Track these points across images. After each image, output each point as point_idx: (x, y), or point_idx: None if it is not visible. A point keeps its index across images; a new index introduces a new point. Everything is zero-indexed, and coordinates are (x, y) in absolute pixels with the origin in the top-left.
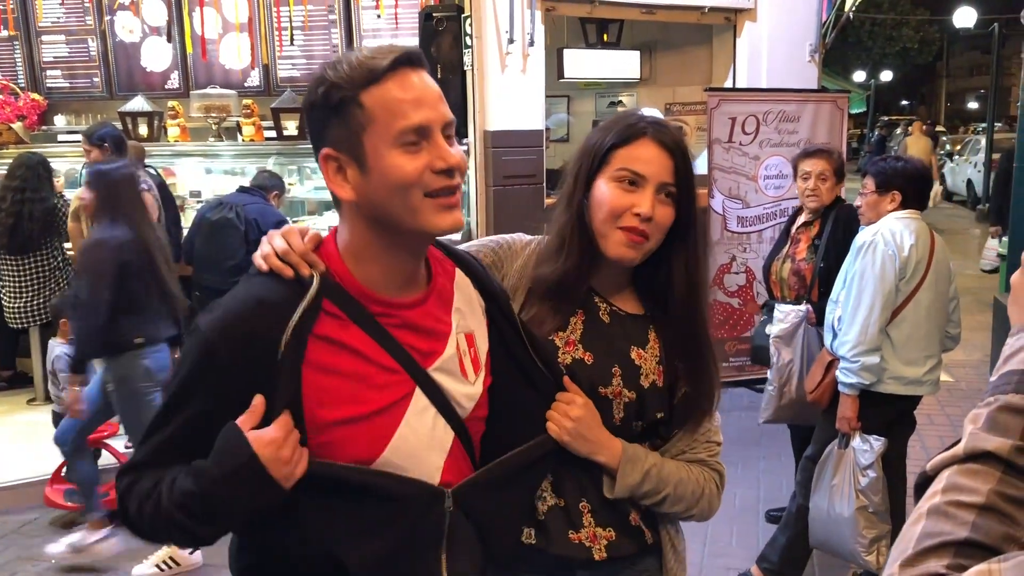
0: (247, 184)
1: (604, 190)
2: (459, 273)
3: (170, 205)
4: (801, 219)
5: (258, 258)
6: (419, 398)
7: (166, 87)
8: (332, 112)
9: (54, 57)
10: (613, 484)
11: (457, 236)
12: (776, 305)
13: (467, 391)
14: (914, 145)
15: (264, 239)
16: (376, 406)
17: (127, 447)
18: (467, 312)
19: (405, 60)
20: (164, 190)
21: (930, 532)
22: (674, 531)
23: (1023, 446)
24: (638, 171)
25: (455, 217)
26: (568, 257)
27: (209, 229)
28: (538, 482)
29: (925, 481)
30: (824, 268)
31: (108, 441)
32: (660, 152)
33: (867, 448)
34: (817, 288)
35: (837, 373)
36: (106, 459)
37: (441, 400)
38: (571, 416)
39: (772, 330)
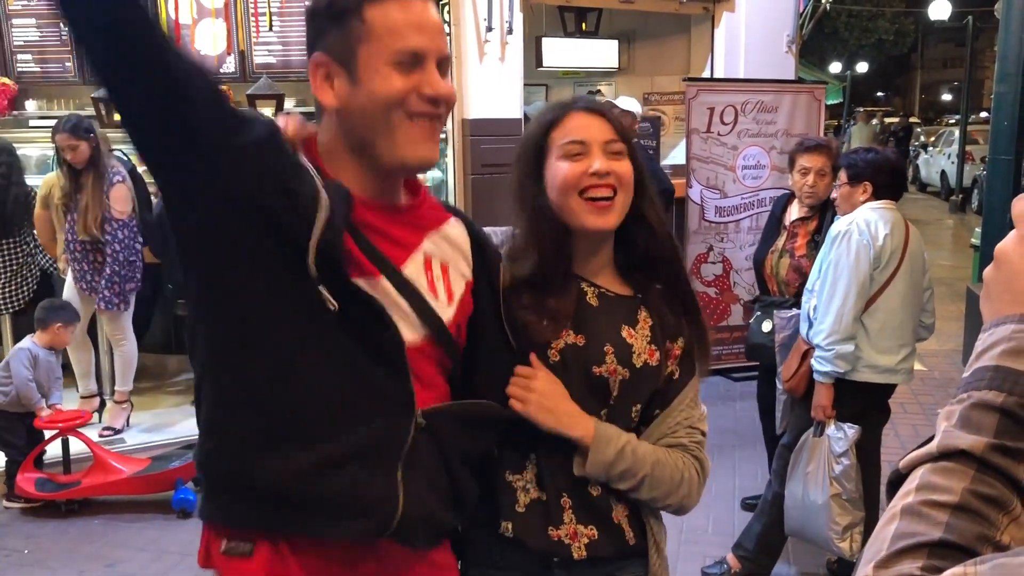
0: None
1: (554, 169)
2: (453, 221)
3: (142, 189)
4: (796, 213)
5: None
6: (384, 284)
7: None
8: (332, 20)
9: (24, 41)
10: (584, 462)
11: None
12: (776, 311)
13: (435, 305)
14: (858, 134)
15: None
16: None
17: (101, 435)
18: (447, 250)
19: None
20: (136, 175)
21: (904, 532)
22: (660, 530)
23: (997, 444)
24: (579, 138)
25: (431, 148)
26: (542, 247)
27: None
28: (496, 442)
29: (898, 479)
30: None
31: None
32: (592, 117)
33: (841, 436)
34: None
35: (812, 362)
36: (77, 447)
37: (415, 297)
38: (532, 388)
39: (777, 337)
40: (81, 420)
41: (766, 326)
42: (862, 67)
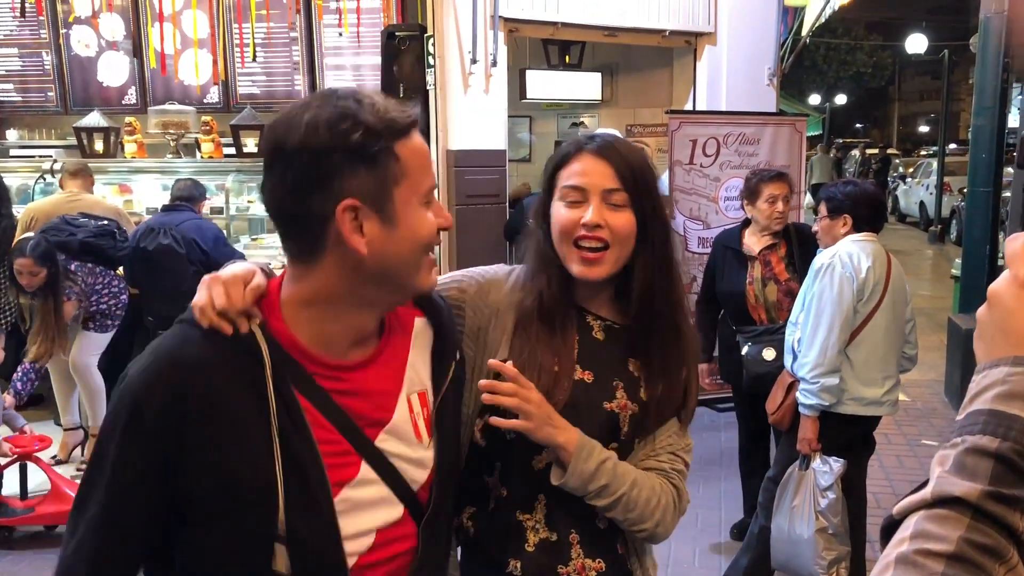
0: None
1: (555, 211)
2: (418, 322)
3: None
4: (759, 242)
5: (196, 309)
6: (365, 472)
7: (123, 102)
8: (362, 160)
9: (6, 71)
10: (563, 473)
11: None
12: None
13: (420, 456)
14: (818, 164)
15: (203, 284)
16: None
17: (79, 469)
18: (421, 367)
19: (417, 119)
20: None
21: None
22: (650, 563)
23: (992, 491)
24: (577, 184)
25: (435, 275)
26: (543, 281)
27: (148, 260)
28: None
29: (892, 525)
30: None
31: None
32: (597, 161)
33: (827, 469)
34: None
35: (797, 395)
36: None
37: (391, 474)
38: (530, 399)
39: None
40: (40, 446)
41: (768, 354)
42: (841, 99)
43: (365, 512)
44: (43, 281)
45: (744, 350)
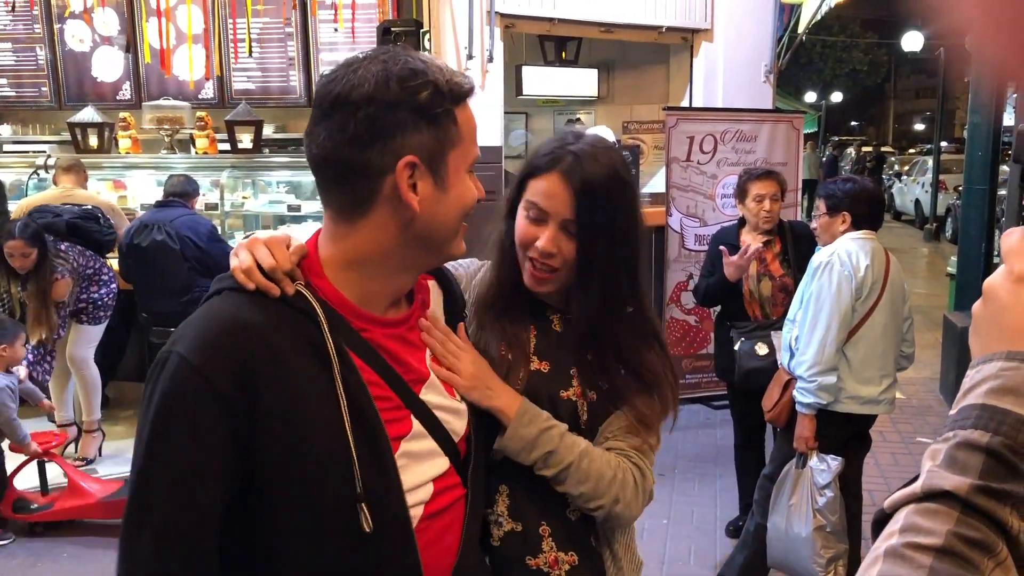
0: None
1: (518, 219)
2: (432, 285)
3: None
4: (757, 239)
5: (239, 272)
6: (417, 427)
7: (117, 98)
8: (425, 119)
9: (0, 66)
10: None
11: None
12: (774, 333)
13: (457, 407)
14: (805, 161)
15: (242, 248)
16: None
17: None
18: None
19: (474, 88)
20: (88, 219)
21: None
22: (628, 560)
23: (982, 485)
24: (541, 206)
25: (463, 244)
26: (502, 271)
27: (142, 256)
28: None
29: (883, 518)
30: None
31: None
32: (565, 188)
33: (824, 468)
34: None
35: (794, 393)
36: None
37: (436, 427)
38: (461, 357)
39: (781, 357)
40: (56, 442)
41: (761, 349)
42: (837, 97)
43: (421, 465)
44: (34, 263)
45: (737, 345)
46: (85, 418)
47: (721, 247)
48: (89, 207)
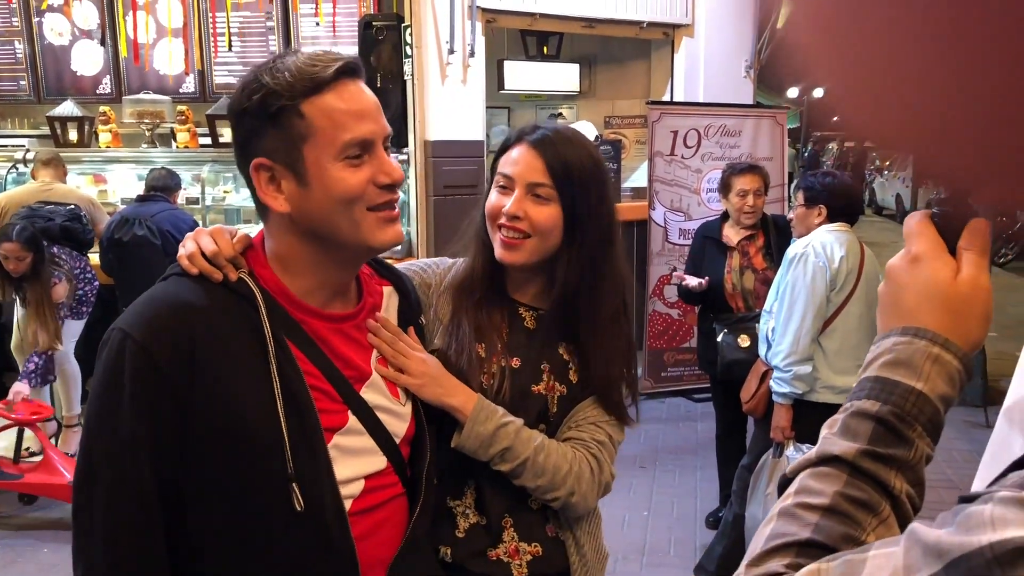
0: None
1: (488, 197)
2: (387, 292)
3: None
4: (737, 233)
5: (184, 259)
6: (353, 422)
7: (97, 92)
8: (268, 120)
9: None
10: (459, 436)
11: (397, 248)
12: (754, 325)
13: (399, 410)
14: None
15: (189, 237)
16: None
17: None
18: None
19: (347, 70)
20: (73, 228)
21: (777, 533)
22: (592, 549)
23: (869, 450)
24: (508, 173)
25: (396, 230)
26: (475, 261)
27: (123, 251)
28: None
29: (786, 483)
30: None
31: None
32: (530, 153)
33: (801, 457)
34: None
35: (771, 383)
36: None
37: (376, 426)
38: (411, 356)
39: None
40: (44, 414)
41: (743, 341)
42: (818, 92)
43: (354, 459)
44: (28, 267)
45: (720, 337)
46: (65, 413)
47: (676, 275)
48: (72, 206)
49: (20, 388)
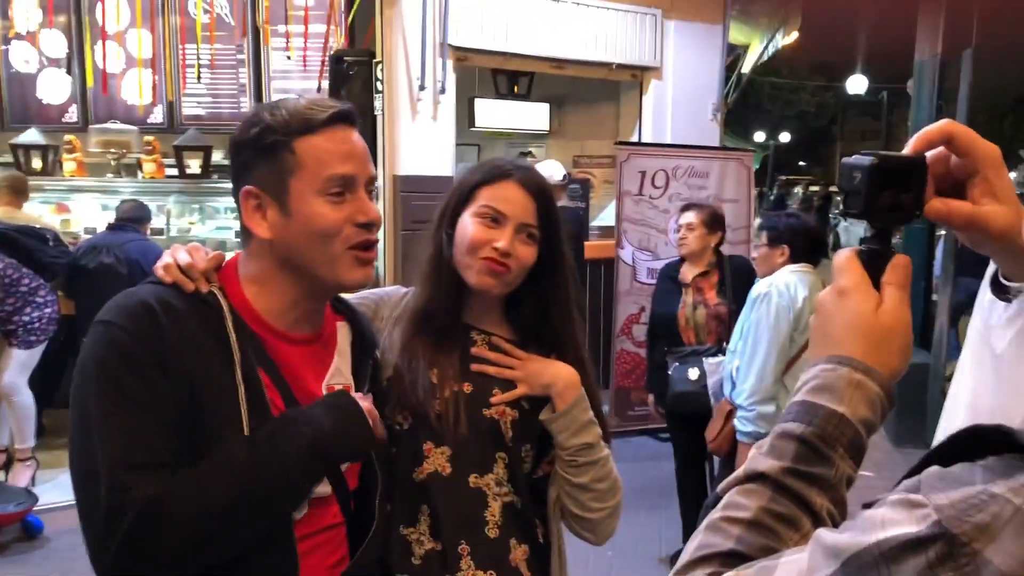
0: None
1: (467, 224)
2: (340, 325)
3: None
4: (694, 270)
5: (159, 269)
6: None
7: (63, 120)
8: (262, 153)
9: None
10: (555, 410)
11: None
12: (704, 359)
13: None
14: None
15: (165, 253)
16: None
17: None
18: (343, 364)
19: (342, 116)
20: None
21: (702, 544)
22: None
23: (792, 468)
24: (500, 209)
25: (367, 272)
26: (434, 286)
27: (87, 278)
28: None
29: (716, 500)
30: (736, 310)
31: None
32: (523, 194)
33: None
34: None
35: (735, 422)
36: None
37: None
38: (521, 358)
39: (709, 382)
40: None
41: (692, 374)
42: (785, 137)
43: None
44: None
45: (671, 369)
46: (17, 445)
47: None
48: (38, 227)
49: None
